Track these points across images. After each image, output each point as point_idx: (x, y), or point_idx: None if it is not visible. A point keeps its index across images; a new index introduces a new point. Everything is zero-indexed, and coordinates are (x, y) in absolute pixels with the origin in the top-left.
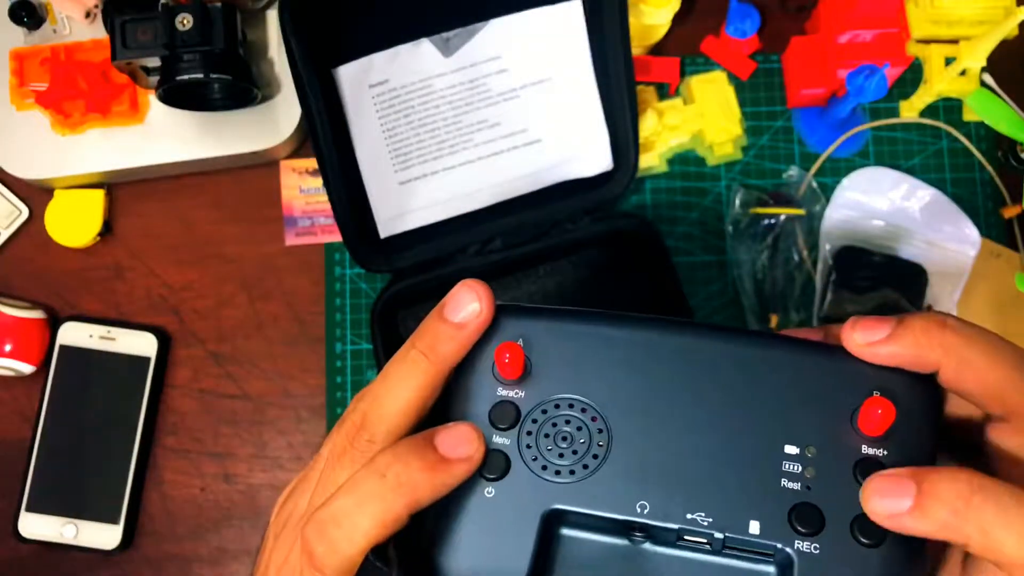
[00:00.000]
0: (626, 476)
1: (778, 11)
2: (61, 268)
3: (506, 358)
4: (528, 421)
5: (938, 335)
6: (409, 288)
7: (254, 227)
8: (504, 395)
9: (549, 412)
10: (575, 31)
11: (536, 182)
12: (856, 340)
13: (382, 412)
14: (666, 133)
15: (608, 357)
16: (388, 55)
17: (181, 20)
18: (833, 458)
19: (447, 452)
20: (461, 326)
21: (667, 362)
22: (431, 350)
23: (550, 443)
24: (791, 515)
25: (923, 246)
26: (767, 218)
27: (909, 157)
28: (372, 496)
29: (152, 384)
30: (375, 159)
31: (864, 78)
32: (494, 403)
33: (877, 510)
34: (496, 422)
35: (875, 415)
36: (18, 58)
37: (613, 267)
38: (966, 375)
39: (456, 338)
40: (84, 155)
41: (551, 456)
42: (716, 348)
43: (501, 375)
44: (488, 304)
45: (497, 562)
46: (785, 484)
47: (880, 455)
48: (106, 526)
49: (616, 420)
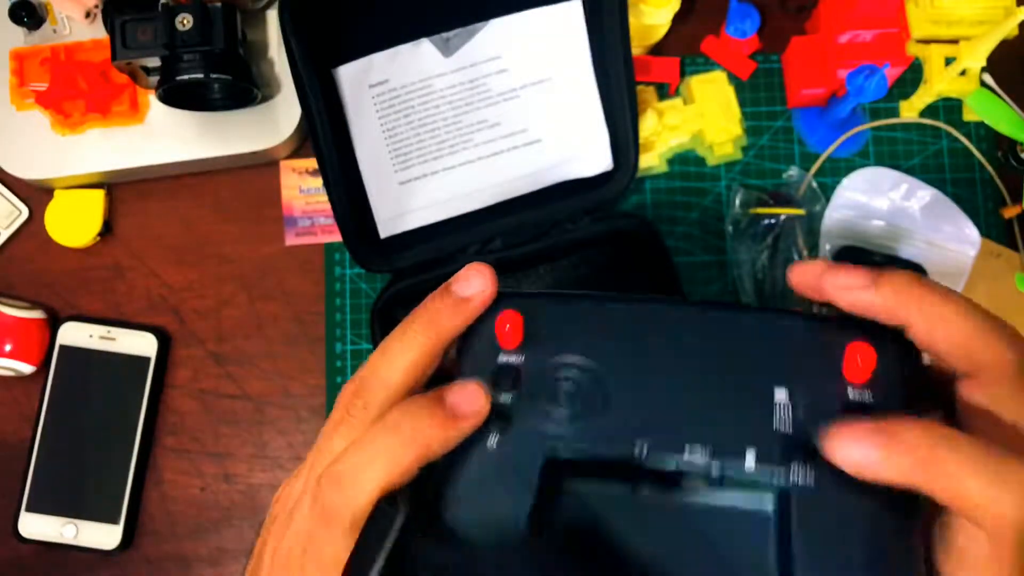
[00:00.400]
0: (625, 420)
1: (778, 11)
2: (61, 268)
3: (507, 327)
4: (529, 381)
5: (916, 291)
6: (409, 288)
7: (254, 227)
8: (505, 360)
9: (548, 372)
10: (575, 31)
11: (536, 182)
12: (837, 282)
13: (379, 379)
14: (666, 133)
15: (603, 324)
16: (388, 55)
17: (181, 20)
18: (821, 401)
19: (457, 409)
20: (467, 300)
21: (658, 326)
22: (432, 323)
23: (550, 397)
24: (784, 449)
25: (923, 246)
26: (767, 218)
27: (909, 157)
28: (385, 449)
29: (152, 384)
30: (375, 159)
31: (864, 78)
32: (496, 367)
33: (843, 458)
34: (498, 384)
35: (857, 361)
36: (18, 58)
37: (613, 267)
38: (937, 332)
39: (460, 312)
40: (84, 155)
41: (551, 408)
42: (705, 313)
43: (501, 344)
44: (493, 284)
45: (499, 510)
46: (776, 425)
47: (867, 400)
48: (106, 526)
49: (613, 375)
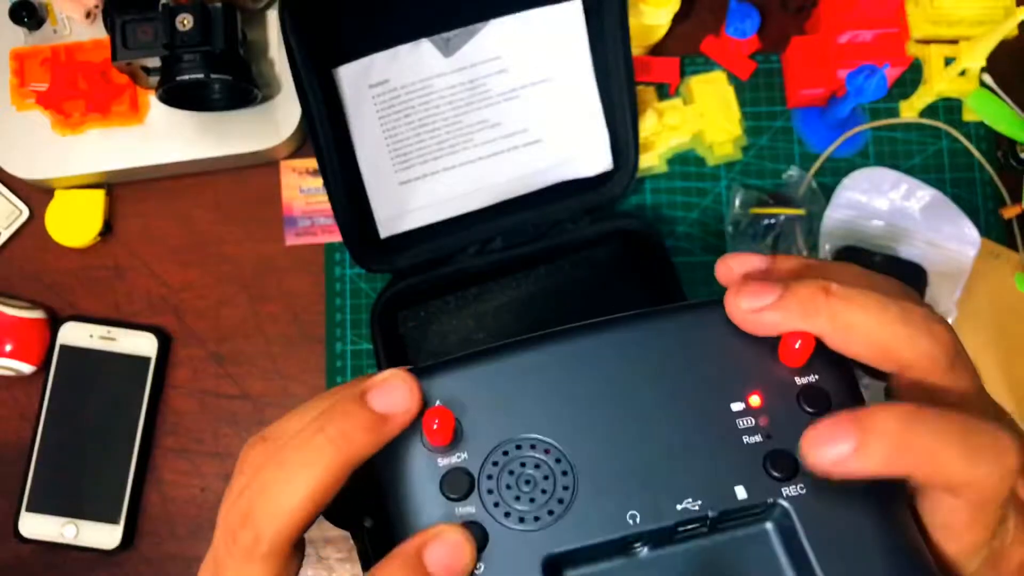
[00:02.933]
0: (605, 496)
1: (778, 11)
2: (61, 268)
3: (435, 424)
4: (484, 479)
5: (823, 302)
6: (409, 288)
7: (254, 227)
8: (447, 464)
9: (500, 462)
10: (575, 31)
11: (536, 182)
12: (741, 306)
13: (274, 507)
14: (666, 133)
15: (530, 386)
16: (388, 55)
17: (181, 20)
18: (777, 399)
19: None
20: (385, 419)
21: (585, 370)
22: (344, 437)
23: (516, 492)
24: (766, 466)
25: (923, 246)
26: (767, 218)
27: (909, 157)
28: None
29: (152, 384)
30: (375, 159)
31: (864, 78)
32: (441, 476)
33: (820, 461)
34: (451, 494)
35: (795, 348)
36: (18, 58)
37: (613, 267)
38: (852, 339)
39: (377, 431)
40: (84, 155)
41: (523, 505)
42: (626, 339)
43: (432, 444)
44: (417, 401)
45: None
46: (747, 440)
47: (815, 380)
48: (106, 526)
49: (567, 444)
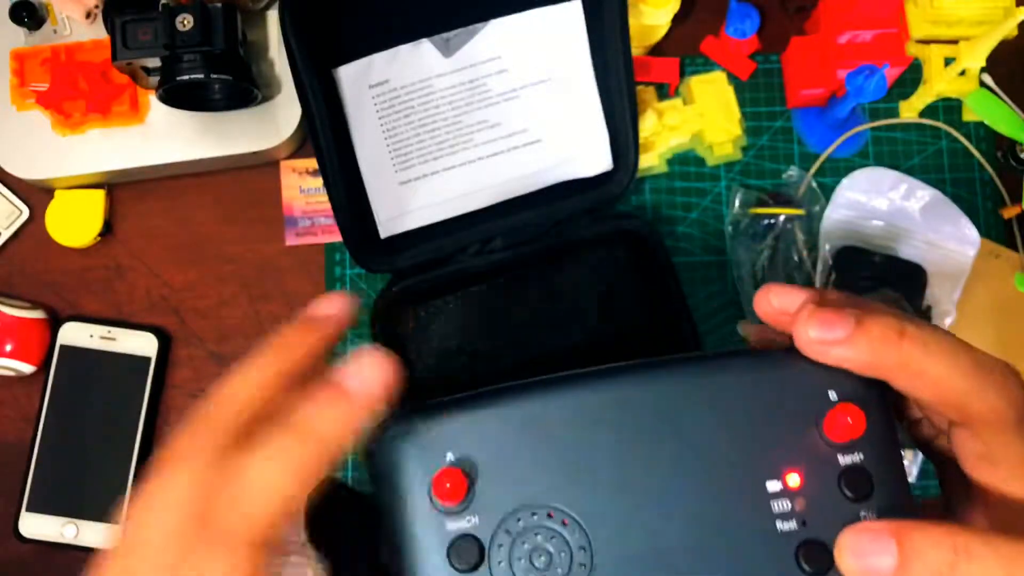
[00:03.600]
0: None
1: (778, 11)
2: (61, 268)
3: (447, 485)
4: (495, 549)
5: (895, 344)
6: (409, 288)
7: (254, 227)
8: (456, 529)
9: (513, 531)
10: (575, 31)
11: (536, 182)
12: (810, 335)
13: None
14: (666, 133)
15: (550, 442)
16: (388, 55)
17: (181, 20)
18: (816, 480)
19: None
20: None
21: (612, 426)
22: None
23: (527, 566)
24: (799, 559)
25: (923, 246)
26: (767, 218)
27: (909, 157)
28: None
29: (152, 384)
30: (375, 159)
31: (864, 78)
32: (449, 543)
33: (854, 571)
34: (459, 565)
35: (845, 423)
36: (19, 58)
37: (613, 267)
38: (922, 385)
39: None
40: (84, 155)
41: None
42: (659, 392)
43: (441, 503)
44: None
45: None
46: (781, 527)
47: (859, 461)
48: (106, 526)
49: (587, 517)
